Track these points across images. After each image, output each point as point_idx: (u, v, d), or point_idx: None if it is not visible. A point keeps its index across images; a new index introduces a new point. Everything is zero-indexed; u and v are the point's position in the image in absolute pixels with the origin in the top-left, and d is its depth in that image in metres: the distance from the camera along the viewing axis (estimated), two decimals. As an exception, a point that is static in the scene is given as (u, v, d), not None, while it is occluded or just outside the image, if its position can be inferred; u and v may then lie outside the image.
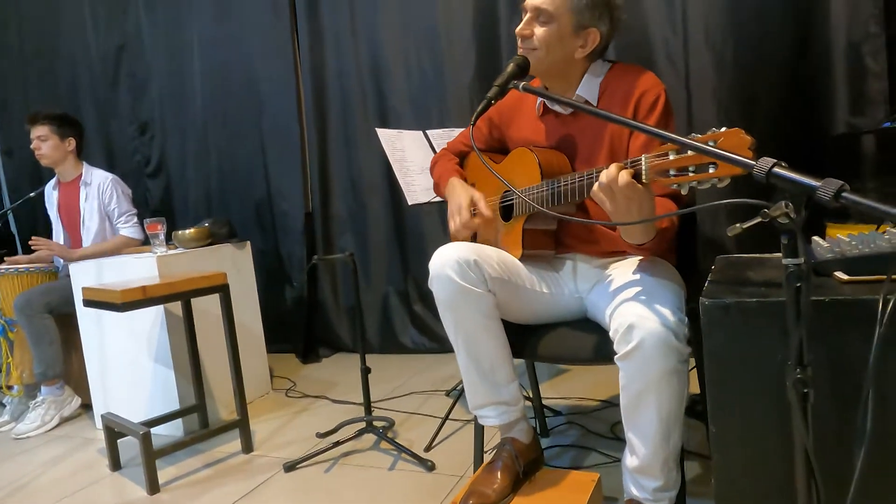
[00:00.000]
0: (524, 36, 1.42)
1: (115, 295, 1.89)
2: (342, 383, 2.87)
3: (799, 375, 0.78)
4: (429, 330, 3.23)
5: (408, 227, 3.24)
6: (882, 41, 2.20)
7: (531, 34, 1.41)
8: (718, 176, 0.96)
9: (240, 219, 3.41)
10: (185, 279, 2.05)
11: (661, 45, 2.55)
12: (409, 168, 2.16)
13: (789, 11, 2.34)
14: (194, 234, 2.57)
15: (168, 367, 2.38)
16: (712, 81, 2.49)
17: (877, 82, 2.22)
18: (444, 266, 1.40)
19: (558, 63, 1.44)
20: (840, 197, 0.71)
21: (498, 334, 1.46)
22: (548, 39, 1.40)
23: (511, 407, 1.51)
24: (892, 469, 0.90)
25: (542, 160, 1.48)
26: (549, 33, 1.40)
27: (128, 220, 2.90)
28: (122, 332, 2.46)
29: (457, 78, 2.99)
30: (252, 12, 3.41)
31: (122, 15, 3.76)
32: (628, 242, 1.30)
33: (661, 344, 1.17)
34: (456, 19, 2.96)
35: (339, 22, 3.23)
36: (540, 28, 1.40)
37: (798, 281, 0.77)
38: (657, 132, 1.02)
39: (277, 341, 3.35)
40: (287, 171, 3.44)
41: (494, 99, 1.29)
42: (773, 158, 0.79)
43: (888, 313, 0.88)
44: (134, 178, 3.73)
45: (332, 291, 3.46)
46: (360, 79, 3.23)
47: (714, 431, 1.01)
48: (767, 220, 0.76)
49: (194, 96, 3.62)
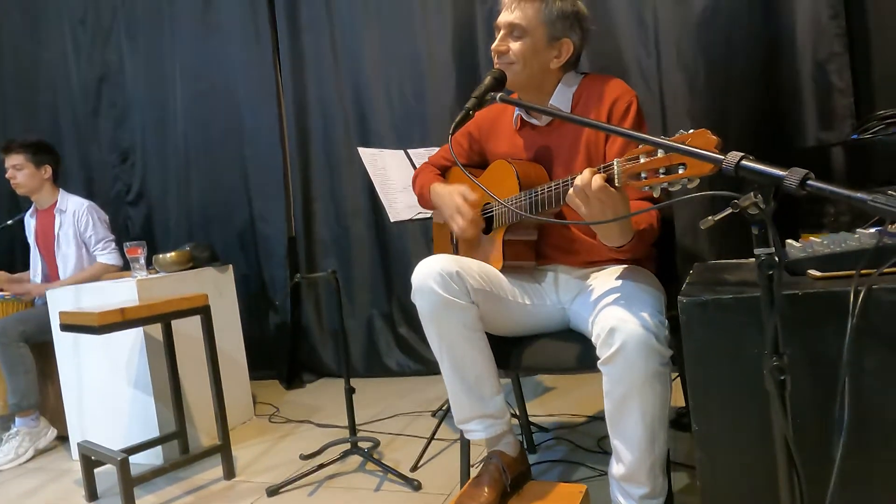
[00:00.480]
0: (500, 52, 1.46)
1: (93, 317, 1.86)
2: (326, 407, 2.83)
3: (775, 363, 0.79)
4: (414, 352, 3.21)
5: (391, 250, 3.25)
6: (846, 60, 2.28)
7: (507, 50, 1.45)
8: (688, 176, 0.98)
9: (222, 244, 3.40)
10: (165, 301, 2.02)
11: (636, 65, 2.63)
12: (391, 186, 2.17)
13: (756, 32, 2.43)
14: (175, 257, 2.55)
15: (147, 393, 2.33)
16: (686, 100, 2.56)
17: (842, 98, 2.30)
18: (426, 278, 1.40)
19: (535, 75, 1.48)
20: (805, 184, 0.73)
21: (482, 346, 1.46)
22: (523, 53, 1.44)
23: (497, 420, 1.50)
24: (870, 457, 0.90)
25: (519, 171, 1.50)
26: (525, 47, 1.44)
27: (105, 246, 2.87)
28: (100, 359, 2.41)
29: (437, 100, 3.04)
30: (234, 40, 3.46)
31: (103, 45, 3.78)
32: (608, 246, 1.31)
33: (642, 346, 1.17)
34: (436, 43, 3.02)
35: (320, 47, 3.28)
36: (515, 43, 1.44)
37: (770, 269, 0.79)
38: (632, 134, 1.05)
39: (260, 368, 3.30)
40: (270, 196, 3.44)
41: (473, 110, 1.32)
42: (740, 152, 0.82)
43: (859, 305, 0.90)
44: (114, 206, 3.71)
45: (315, 315, 3.43)
46: (342, 103, 3.26)
47: (697, 429, 1.01)
48: (738, 211, 0.78)
49: (176, 124, 3.63)
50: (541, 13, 1.43)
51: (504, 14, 1.46)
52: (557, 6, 1.44)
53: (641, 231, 1.31)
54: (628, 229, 1.26)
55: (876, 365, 0.91)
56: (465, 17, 2.95)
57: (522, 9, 1.43)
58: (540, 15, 1.43)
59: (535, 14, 1.43)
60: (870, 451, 0.90)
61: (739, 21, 2.44)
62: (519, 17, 1.43)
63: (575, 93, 1.51)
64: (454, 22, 2.97)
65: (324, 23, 3.26)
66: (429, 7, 3.02)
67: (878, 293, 0.90)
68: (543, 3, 1.44)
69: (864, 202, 0.68)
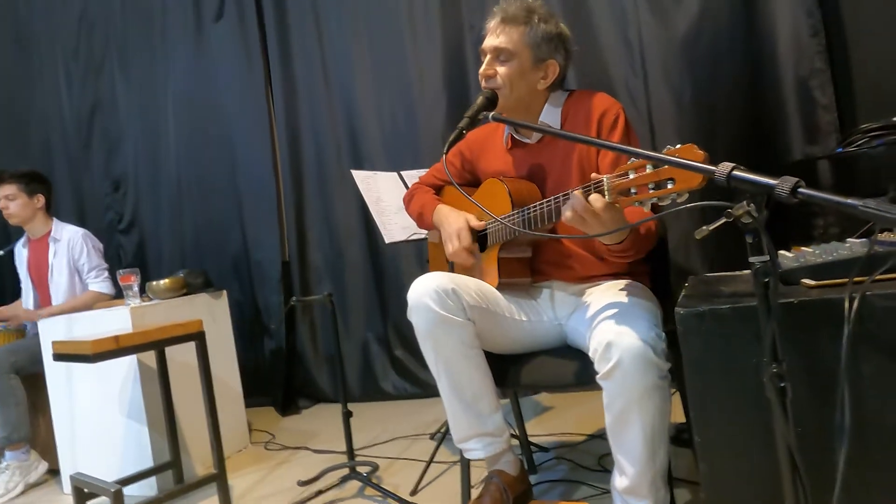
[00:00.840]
0: (488, 76, 1.48)
1: (86, 346, 1.84)
2: (323, 433, 2.79)
3: (774, 370, 0.79)
4: (410, 375, 3.19)
5: (386, 272, 3.24)
6: (828, 76, 2.34)
7: (494, 73, 1.47)
8: (677, 190, 1.00)
9: (216, 271, 3.37)
10: (159, 327, 2.01)
11: (623, 85, 2.67)
12: (385, 208, 2.18)
13: (739, 51, 2.48)
14: (169, 284, 2.54)
15: (141, 422, 2.29)
16: (674, 118, 2.60)
17: (826, 114, 2.34)
18: (422, 296, 1.41)
19: (523, 97, 1.50)
20: (797, 192, 0.74)
21: (479, 363, 1.46)
22: (511, 76, 1.46)
23: (496, 438, 1.49)
24: (873, 462, 0.90)
25: (511, 189, 1.52)
26: (512, 70, 1.46)
27: (98, 274, 2.85)
28: (93, 389, 2.37)
29: (429, 125, 3.07)
30: (226, 68, 3.49)
31: (96, 76, 3.81)
32: (605, 245, 1.32)
33: (639, 359, 1.18)
34: (426, 69, 3.06)
35: (312, 75, 3.32)
36: (502, 66, 1.47)
37: (765, 276, 0.80)
38: (622, 148, 1.07)
39: (255, 395, 3.26)
40: (263, 222, 3.44)
41: (466, 129, 1.34)
42: (731, 163, 0.83)
43: (854, 312, 0.91)
44: (106, 235, 3.69)
45: (311, 340, 3.41)
46: (335, 129, 3.29)
47: (699, 440, 1.01)
48: (732, 220, 0.79)
49: (169, 152, 3.65)
50: (526, 36, 1.46)
51: (489, 39, 1.49)
52: (542, 28, 1.47)
53: (638, 229, 1.32)
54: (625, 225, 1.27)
55: (873, 371, 0.91)
56: (455, 43, 3.00)
57: (507, 33, 1.46)
58: (525, 38, 1.46)
59: (520, 37, 1.46)
60: (872, 457, 0.90)
61: (722, 40, 2.49)
62: (504, 42, 1.46)
63: (562, 110, 1.54)
64: (444, 48, 3.02)
65: (315, 51, 3.31)
66: (418, 34, 3.07)
67: (871, 299, 0.91)
68: (528, 27, 1.46)
69: (854, 207, 0.69)
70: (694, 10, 2.52)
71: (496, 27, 1.49)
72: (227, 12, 3.47)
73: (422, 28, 3.06)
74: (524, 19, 1.47)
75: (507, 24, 1.47)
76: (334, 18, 3.25)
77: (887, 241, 1.08)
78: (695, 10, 2.52)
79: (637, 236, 1.33)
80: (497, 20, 1.49)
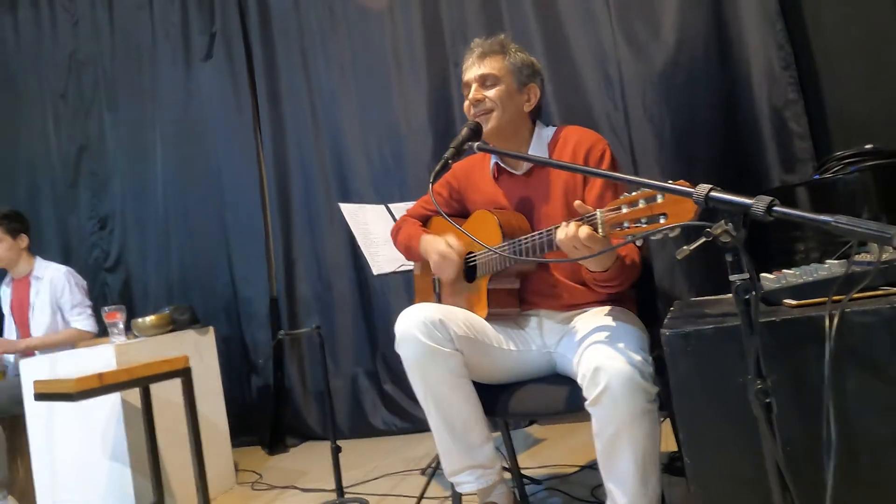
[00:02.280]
0: (478, 100, 1.53)
1: (69, 384, 1.80)
2: (312, 471, 2.73)
3: (759, 386, 0.80)
4: (400, 409, 3.14)
5: (374, 306, 3.24)
6: (801, 106, 2.41)
7: (484, 98, 1.52)
8: (669, 225, 1.02)
9: (203, 308, 3.34)
10: (144, 364, 1.98)
11: (605, 118, 2.74)
12: (373, 240, 2.20)
13: (715, 84, 2.56)
14: (155, 320, 2.51)
15: (124, 463, 2.24)
16: (654, 150, 2.66)
17: (801, 142, 2.41)
18: (410, 327, 1.41)
19: (513, 119, 1.55)
20: (772, 210, 0.76)
21: (469, 393, 1.45)
22: (500, 97, 1.52)
23: (488, 469, 1.47)
24: (861, 478, 0.90)
25: (501, 221, 1.54)
26: (500, 91, 1.52)
27: (80, 312, 2.82)
28: (75, 430, 2.32)
29: (416, 160, 3.11)
30: (215, 107, 3.54)
31: (84, 117, 3.84)
32: (591, 273, 1.35)
33: (627, 383, 1.18)
34: (412, 107, 3.12)
35: (300, 111, 3.37)
36: (490, 91, 1.52)
37: (747, 293, 0.81)
38: (610, 174, 1.10)
39: (242, 434, 3.20)
40: (251, 258, 3.44)
41: (451, 159, 1.36)
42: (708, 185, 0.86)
43: (835, 328, 0.93)
44: (92, 273, 3.66)
45: (299, 376, 3.37)
46: (322, 164, 3.33)
47: (689, 462, 1.00)
48: (711, 239, 0.81)
49: (156, 190, 3.66)
50: (506, 63, 1.54)
51: (472, 70, 1.55)
52: (519, 56, 1.56)
53: (624, 257, 1.35)
54: (610, 255, 1.29)
55: (856, 387, 0.92)
56: (439, 79, 3.08)
57: (489, 62, 1.54)
58: (506, 65, 1.54)
59: (501, 65, 1.54)
60: (860, 472, 0.90)
61: (698, 73, 2.57)
62: (489, 68, 1.53)
63: (549, 143, 1.58)
64: (429, 84, 3.08)
65: (302, 88, 3.37)
66: (404, 71, 3.14)
67: (851, 316, 0.93)
68: (505, 56, 1.55)
69: (827, 223, 0.71)
70: (670, 45, 2.61)
71: (476, 61, 1.56)
72: (216, 52, 3.53)
73: (407, 65, 3.13)
74: (501, 50, 1.55)
75: (486, 56, 1.54)
76: (321, 57, 3.32)
77: (864, 261, 1.11)
78: (671, 45, 2.60)
79: (622, 266, 1.35)
80: (475, 55, 1.56)
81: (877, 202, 1.73)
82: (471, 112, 1.55)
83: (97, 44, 3.80)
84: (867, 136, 1.89)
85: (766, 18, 2.44)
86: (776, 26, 2.42)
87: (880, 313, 0.92)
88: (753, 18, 2.47)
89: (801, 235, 2.03)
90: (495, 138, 1.54)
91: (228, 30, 3.50)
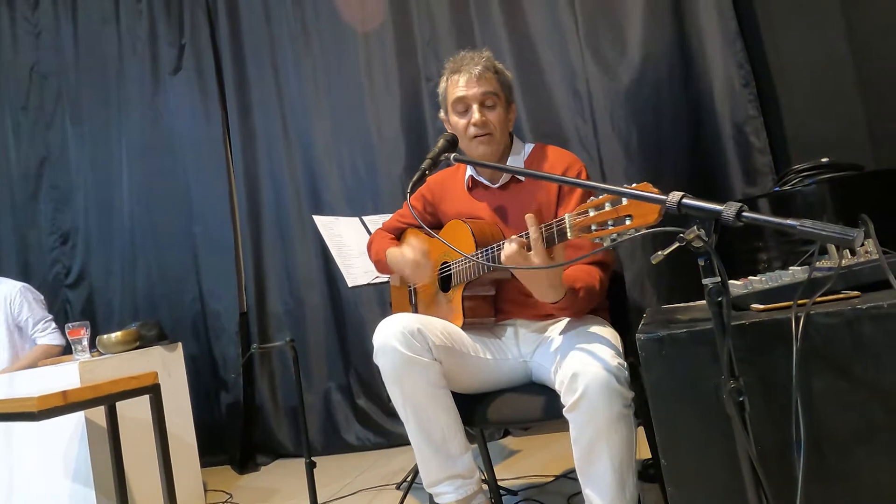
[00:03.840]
0: (483, 123, 1.53)
1: (31, 403, 1.73)
2: (284, 489, 2.68)
3: (732, 385, 0.83)
4: (374, 424, 3.11)
5: (347, 320, 3.21)
6: (760, 122, 2.51)
7: (487, 120, 1.54)
8: (635, 226, 1.05)
9: (171, 324, 3.27)
10: (110, 381, 1.92)
11: (574, 133, 2.80)
12: (347, 251, 2.19)
13: (678, 100, 2.65)
14: (121, 337, 2.44)
15: (88, 485, 2.16)
16: (623, 163, 2.73)
17: (762, 156, 2.51)
18: (388, 338, 1.41)
19: (504, 140, 1.59)
20: (741, 216, 0.80)
21: (447, 404, 1.45)
22: (499, 119, 1.56)
23: (467, 480, 1.47)
24: (830, 474, 0.94)
25: (475, 230, 1.56)
26: (499, 114, 1.56)
27: (45, 327, 2.72)
28: (34, 452, 2.23)
29: (388, 172, 3.12)
30: (183, 121, 3.50)
31: (46, 129, 3.74)
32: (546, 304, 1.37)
33: (604, 388, 1.20)
34: (384, 119, 3.14)
35: (271, 124, 3.36)
36: (491, 113, 1.55)
37: (719, 296, 0.84)
38: (588, 184, 1.13)
39: (211, 453, 3.12)
40: (220, 272, 3.38)
41: (428, 170, 1.38)
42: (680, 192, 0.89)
43: (801, 330, 0.96)
44: (52, 290, 3.56)
45: (270, 393, 3.31)
46: (294, 177, 3.31)
47: (666, 464, 1.03)
48: (684, 244, 0.84)
49: (122, 204, 3.58)
50: (499, 80, 1.58)
51: (472, 88, 1.54)
52: (506, 75, 1.61)
53: (577, 290, 1.36)
54: (559, 286, 1.32)
55: (822, 385, 0.96)
56: (412, 92, 3.10)
57: (488, 79, 1.55)
58: (499, 82, 1.58)
59: (496, 83, 1.57)
60: (829, 468, 0.94)
61: (663, 90, 2.66)
62: (492, 86, 1.55)
63: (526, 160, 1.62)
64: (402, 97, 3.11)
65: (273, 101, 3.35)
66: (376, 84, 3.16)
67: (815, 318, 0.97)
68: (496, 74, 1.58)
69: (794, 227, 0.75)
70: (636, 63, 2.69)
71: (472, 78, 1.54)
72: (185, 65, 3.50)
73: (379, 78, 3.15)
74: (493, 70, 1.58)
75: (484, 75, 1.54)
76: (293, 69, 3.32)
77: (824, 267, 1.16)
78: (637, 63, 2.69)
79: (574, 298, 1.36)
80: (474, 74, 1.54)
81: (833, 212, 1.81)
82: (469, 132, 1.54)
83: (61, 56, 3.72)
84: (823, 150, 1.98)
85: (726, 39, 2.54)
86: (736, 46, 2.52)
87: (842, 315, 0.97)
88: (714, 39, 2.57)
89: (763, 245, 2.11)
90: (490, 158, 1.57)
91: (198, 43, 3.47)
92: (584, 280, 1.39)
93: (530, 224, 1.24)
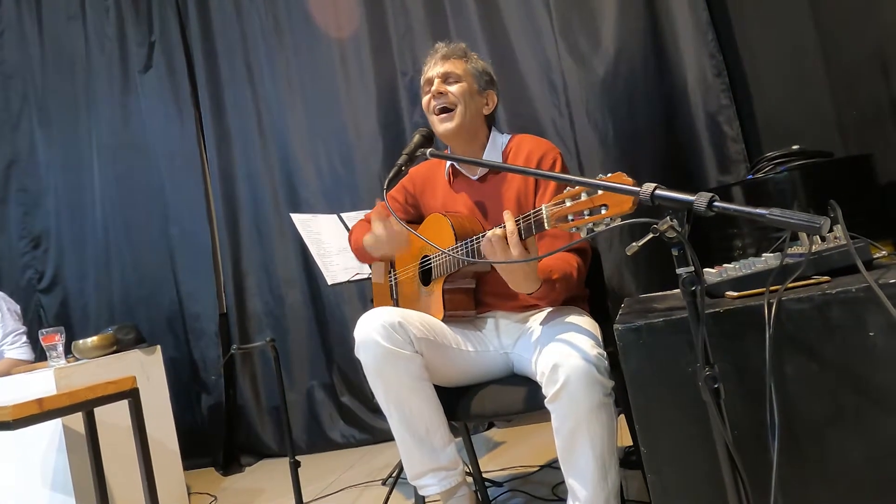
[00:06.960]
0: (441, 93, 1.56)
1: (6, 412, 1.70)
2: (269, 490, 2.67)
3: (708, 372, 0.84)
4: (358, 421, 3.11)
5: (329, 318, 3.19)
6: (733, 111, 2.55)
7: (447, 91, 1.56)
8: (610, 215, 1.06)
9: (148, 327, 3.22)
10: (88, 387, 1.89)
11: (551, 125, 2.81)
12: (326, 249, 2.18)
13: (652, 91, 2.67)
14: (97, 342, 2.40)
15: (68, 493, 2.12)
16: (599, 154, 2.75)
17: (735, 145, 2.55)
18: (369, 332, 1.41)
19: (474, 118, 1.59)
20: (713, 205, 0.81)
21: (430, 396, 1.46)
22: (463, 93, 1.57)
23: (451, 472, 1.48)
24: (804, 459, 0.96)
25: (454, 223, 1.56)
26: (463, 88, 1.57)
27: (14, 340, 2.66)
28: (12, 461, 2.18)
29: (366, 168, 3.11)
30: (155, 121, 3.44)
31: (12, 131, 3.65)
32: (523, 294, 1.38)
33: (584, 378, 1.21)
34: (361, 115, 3.12)
35: (245, 122, 3.31)
36: (452, 86, 1.57)
37: (693, 285, 0.85)
38: (560, 176, 1.14)
39: (194, 456, 3.09)
40: (198, 273, 3.34)
41: (405, 166, 1.37)
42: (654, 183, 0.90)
43: (773, 316, 0.98)
44: (25, 295, 3.48)
45: (252, 393, 3.28)
46: (271, 176, 3.28)
47: (645, 452, 1.04)
48: (658, 235, 0.85)
49: (94, 206, 3.51)
50: (467, 66, 1.60)
51: (434, 68, 1.60)
52: (479, 64, 1.63)
53: (554, 280, 1.37)
54: (534, 278, 1.33)
55: (794, 370, 0.98)
56: (388, 88, 3.09)
57: (452, 62, 1.59)
58: (467, 67, 1.60)
59: (462, 67, 1.59)
60: (803, 452, 0.96)
61: (637, 81, 2.68)
62: (452, 67, 1.58)
63: (504, 150, 1.62)
64: (378, 93, 3.09)
65: (248, 99, 3.31)
66: (352, 80, 3.14)
67: (787, 304, 0.99)
68: (466, 60, 1.61)
69: (763, 216, 0.76)
70: (610, 55, 2.71)
71: (439, 60, 1.60)
72: (155, 63, 3.44)
73: (355, 74, 3.13)
74: (463, 55, 1.62)
75: (449, 57, 1.60)
76: (267, 67, 3.28)
77: (796, 253, 1.18)
78: (611, 54, 2.70)
79: (551, 288, 1.37)
80: (438, 56, 1.61)
81: (804, 198, 1.85)
82: (431, 106, 1.58)
83: (25, 55, 3.62)
84: (794, 138, 2.02)
85: (698, 30, 2.57)
86: (707, 37, 2.55)
87: (812, 300, 0.99)
88: (687, 30, 2.59)
89: (737, 233, 2.14)
90: (456, 138, 1.58)
91: (168, 40, 3.41)
92: (560, 269, 1.41)
93: (507, 219, 1.25)
